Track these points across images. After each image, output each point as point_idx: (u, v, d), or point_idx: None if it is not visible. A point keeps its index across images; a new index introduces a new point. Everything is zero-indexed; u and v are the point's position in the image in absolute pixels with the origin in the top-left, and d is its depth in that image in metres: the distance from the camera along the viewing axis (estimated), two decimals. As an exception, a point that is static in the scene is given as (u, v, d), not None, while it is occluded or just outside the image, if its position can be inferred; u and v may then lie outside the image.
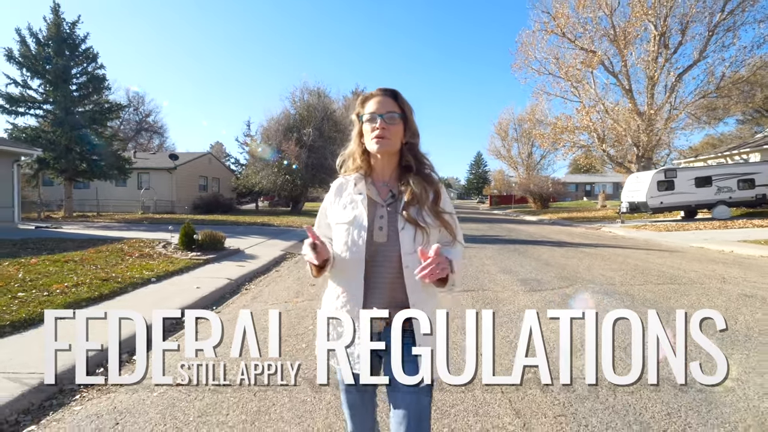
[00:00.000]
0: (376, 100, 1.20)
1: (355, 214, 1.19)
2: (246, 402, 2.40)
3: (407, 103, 1.23)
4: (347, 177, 1.28)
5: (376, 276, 1.18)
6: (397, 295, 1.17)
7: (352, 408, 1.28)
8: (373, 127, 1.17)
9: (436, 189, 1.21)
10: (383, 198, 1.22)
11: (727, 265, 6.74)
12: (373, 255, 1.17)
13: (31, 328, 3.58)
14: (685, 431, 2.01)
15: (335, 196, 1.28)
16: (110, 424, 2.24)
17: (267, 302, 4.78)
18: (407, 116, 1.21)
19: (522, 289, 5.04)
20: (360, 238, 1.17)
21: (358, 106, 1.24)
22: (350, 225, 1.19)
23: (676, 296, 4.62)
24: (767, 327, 3.55)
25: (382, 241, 1.17)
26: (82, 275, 5.43)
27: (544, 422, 2.11)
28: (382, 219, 1.19)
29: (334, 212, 1.26)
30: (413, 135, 1.24)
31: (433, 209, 1.19)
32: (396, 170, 1.25)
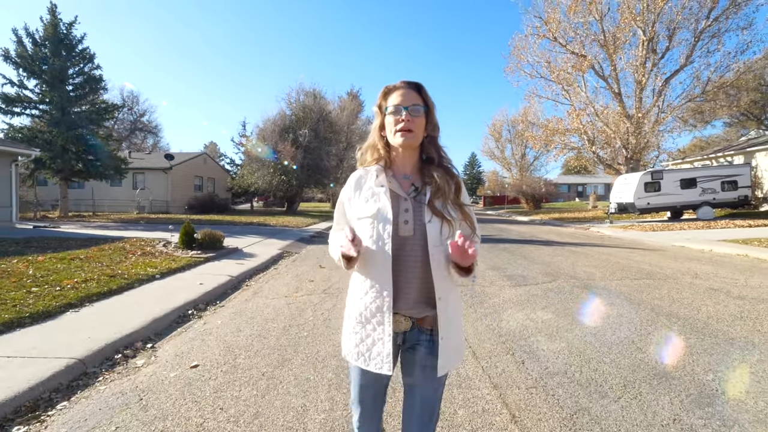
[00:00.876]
0: (400, 93, 1.18)
1: (379, 206, 1.17)
2: (256, 380, 2.70)
3: (430, 97, 1.22)
4: (367, 169, 1.26)
5: (403, 270, 1.15)
6: (424, 289, 1.16)
7: (363, 405, 1.27)
8: (397, 119, 1.17)
9: (457, 182, 1.21)
10: (406, 191, 1.20)
11: (702, 263, 7.15)
12: (399, 249, 1.15)
13: (49, 319, 3.83)
14: (637, 398, 2.34)
15: (355, 189, 1.25)
16: (135, 400, 2.52)
17: (268, 297, 5.05)
18: (430, 109, 1.21)
19: (508, 284, 5.39)
20: (385, 232, 1.14)
21: (380, 98, 1.23)
22: (374, 218, 1.16)
23: (649, 290, 4.99)
24: (724, 316, 3.91)
25: (407, 235, 1.15)
26: (89, 272, 5.67)
27: (518, 393, 2.43)
28: (407, 212, 1.16)
29: (355, 206, 1.23)
30: (434, 128, 1.23)
31: (455, 202, 1.19)
32: (417, 163, 1.23)
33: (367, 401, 1.25)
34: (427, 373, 1.17)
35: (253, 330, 3.72)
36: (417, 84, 1.20)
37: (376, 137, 1.24)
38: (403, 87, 1.19)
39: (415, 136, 1.17)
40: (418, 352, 1.19)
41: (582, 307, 4.26)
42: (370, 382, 1.23)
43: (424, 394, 1.20)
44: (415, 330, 1.19)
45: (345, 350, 1.27)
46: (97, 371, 2.96)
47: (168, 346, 3.43)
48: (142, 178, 24.32)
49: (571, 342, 3.21)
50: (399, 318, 1.17)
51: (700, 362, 2.83)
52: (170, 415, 2.30)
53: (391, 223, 1.14)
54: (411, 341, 1.20)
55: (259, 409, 2.32)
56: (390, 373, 1.14)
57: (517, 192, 37.49)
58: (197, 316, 4.33)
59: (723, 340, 3.26)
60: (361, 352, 1.20)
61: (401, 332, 1.19)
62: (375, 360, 1.16)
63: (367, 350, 1.18)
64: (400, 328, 1.18)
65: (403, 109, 1.15)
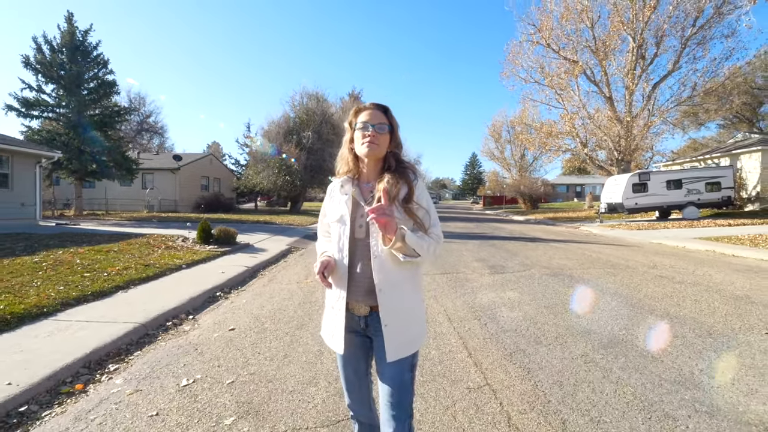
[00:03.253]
0: (368, 112, 1.35)
1: (341, 213, 1.37)
2: (282, 336, 3.55)
3: (395, 119, 1.39)
4: (339, 179, 1.44)
5: (358, 267, 1.33)
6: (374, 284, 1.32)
7: (348, 382, 1.45)
8: (364, 134, 1.32)
9: (409, 185, 1.33)
10: (365, 198, 1.36)
11: (666, 257, 7.99)
12: (354, 249, 1.34)
13: (106, 297, 4.69)
14: (562, 344, 3.19)
15: (329, 197, 1.46)
16: (191, 350, 3.37)
17: (282, 283, 5.91)
18: (394, 129, 1.38)
19: (488, 272, 6.25)
20: (344, 234, 1.34)
21: (351, 116, 1.40)
22: (338, 222, 1.37)
23: (607, 277, 5.85)
24: (658, 295, 4.76)
25: (361, 237, 1.33)
26: (126, 262, 6.53)
27: (476, 341, 3.28)
28: (362, 217, 1.33)
29: (328, 211, 1.45)
30: (397, 146, 1.40)
31: (403, 204, 1.30)
32: (380, 173, 1.38)
33: (351, 377, 1.44)
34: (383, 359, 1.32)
35: (273, 306, 4.58)
36: (384, 106, 1.39)
37: (346, 150, 1.41)
38: (371, 108, 1.37)
39: (379, 148, 1.33)
40: (378, 340, 1.34)
41: (545, 289, 5.12)
42: (349, 362, 1.43)
43: (391, 378, 1.32)
44: (373, 315, 1.34)
45: (322, 331, 1.51)
46: (156, 333, 3.82)
47: (206, 317, 4.29)
48: (151, 178, 25.20)
49: (527, 312, 4.07)
50: (359, 304, 1.35)
51: (619, 324, 3.69)
52: (221, 357, 3.15)
53: (348, 226, 1.33)
54: (373, 327, 1.35)
55: (287, 353, 3.18)
56: (341, 351, 1.37)
57: (514, 192, 38.28)
58: (224, 297, 5.18)
59: (646, 311, 4.11)
60: (326, 333, 1.45)
61: (362, 316, 1.36)
62: (334, 340, 1.39)
63: (330, 332, 1.41)
64: (360, 312, 1.36)
65: (371, 126, 1.32)
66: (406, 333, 1.33)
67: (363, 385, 1.46)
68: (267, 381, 2.70)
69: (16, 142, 12.90)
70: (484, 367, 2.80)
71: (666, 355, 2.97)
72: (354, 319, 1.37)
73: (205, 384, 2.68)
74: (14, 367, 2.78)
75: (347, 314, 1.36)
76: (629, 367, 2.77)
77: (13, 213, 12.12)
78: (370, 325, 1.35)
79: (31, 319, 3.75)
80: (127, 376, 2.86)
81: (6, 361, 2.86)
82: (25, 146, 13.02)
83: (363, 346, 1.40)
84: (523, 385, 2.54)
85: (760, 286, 5.27)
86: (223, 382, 2.69)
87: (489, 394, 2.42)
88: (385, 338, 1.29)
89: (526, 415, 2.19)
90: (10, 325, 3.56)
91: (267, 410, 2.33)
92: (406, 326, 1.33)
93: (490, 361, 2.90)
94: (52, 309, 4.03)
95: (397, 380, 1.31)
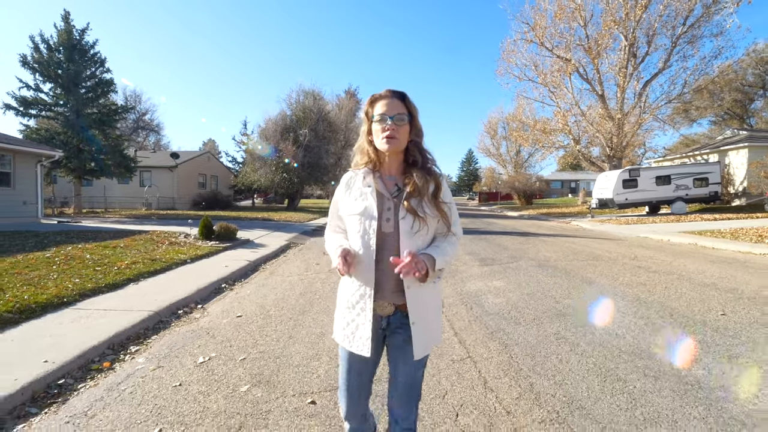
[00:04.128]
0: (385, 102, 1.28)
1: (366, 205, 1.28)
2: (286, 321, 3.90)
3: (414, 105, 1.31)
4: (356, 171, 1.37)
5: (384, 262, 1.25)
6: (402, 280, 1.27)
7: (350, 389, 1.37)
8: (383, 127, 1.26)
9: (437, 181, 1.30)
10: (390, 190, 1.30)
11: (649, 249, 8.40)
12: (382, 243, 1.26)
13: (119, 289, 5.01)
14: (538, 325, 3.56)
15: (346, 189, 1.37)
16: (204, 333, 3.70)
17: (283, 276, 6.24)
18: (414, 117, 1.30)
19: (478, 264, 6.62)
20: (371, 228, 1.26)
21: (367, 106, 1.33)
22: (362, 216, 1.28)
23: (588, 267, 6.24)
24: (632, 283, 5.15)
25: (389, 231, 1.26)
26: (133, 257, 6.83)
27: (462, 322, 3.65)
28: (389, 211, 1.28)
29: (345, 204, 1.35)
30: (418, 134, 1.33)
31: (432, 200, 1.28)
32: (402, 165, 1.33)
33: (354, 383, 1.36)
34: (406, 356, 1.30)
35: (276, 295, 4.92)
36: (401, 93, 1.30)
37: (365, 141, 1.35)
38: (388, 96, 1.29)
39: (400, 142, 1.27)
40: (400, 337, 1.31)
41: (529, 279, 5.50)
42: (356, 367, 1.35)
43: (407, 375, 1.31)
44: (398, 314, 1.31)
45: (335, 332, 1.41)
46: (169, 320, 4.15)
47: (214, 306, 4.62)
48: (149, 176, 25.37)
49: (510, 298, 4.45)
50: (383, 303, 1.30)
51: (593, 308, 4.06)
52: (232, 339, 3.49)
53: (376, 220, 1.26)
54: (394, 325, 1.32)
55: (291, 334, 3.53)
56: (368, 355, 1.27)
57: (509, 188, 38.73)
58: (229, 288, 5.52)
59: (620, 296, 4.50)
60: (346, 335, 1.33)
61: (386, 316, 1.31)
62: (357, 343, 1.30)
63: (352, 333, 1.32)
64: (385, 312, 1.31)
65: (389, 118, 1.25)
66: (430, 331, 1.33)
67: (364, 392, 1.39)
68: (275, 357, 3.05)
69: (18, 142, 13.09)
70: (468, 344, 3.16)
71: (628, 333, 3.35)
72: (377, 319, 1.31)
73: (219, 361, 3.02)
74: (47, 348, 3.10)
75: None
76: (594, 343, 3.14)
77: (15, 211, 12.34)
78: (391, 324, 1.32)
79: (54, 308, 4.07)
80: (148, 355, 3.19)
81: (39, 344, 3.19)
82: (27, 145, 13.22)
83: (377, 350, 1.35)
84: (500, 357, 2.90)
85: (729, 275, 5.68)
86: (236, 359, 3.03)
87: (470, 365, 2.78)
88: (413, 336, 1.27)
89: (500, 380, 2.56)
90: (36, 313, 3.87)
91: (276, 380, 2.67)
92: (430, 324, 1.32)
93: (473, 339, 3.26)
94: (71, 299, 4.34)
95: (411, 378, 1.32)
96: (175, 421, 2.23)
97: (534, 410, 2.19)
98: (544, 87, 23.21)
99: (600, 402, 2.27)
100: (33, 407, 2.44)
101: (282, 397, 2.44)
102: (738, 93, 36.48)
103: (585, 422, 2.07)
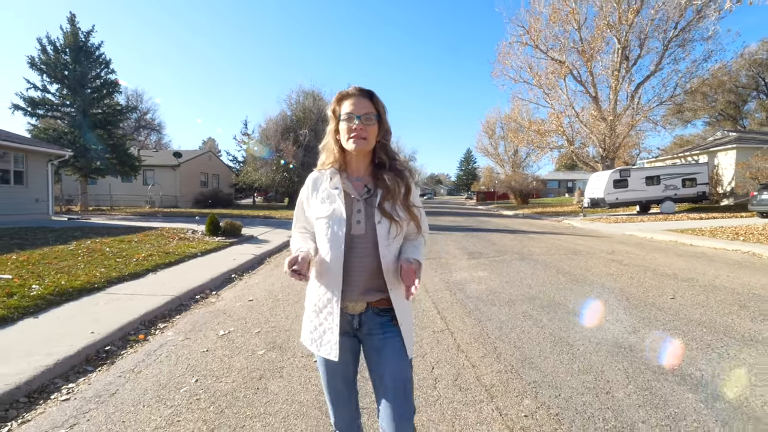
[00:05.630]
0: (352, 101, 1.24)
1: (334, 207, 1.25)
2: (293, 304, 4.46)
3: (382, 104, 1.28)
4: (323, 171, 1.33)
5: (354, 265, 1.24)
6: (373, 281, 1.26)
7: (336, 394, 1.33)
8: (350, 127, 1.22)
9: (407, 184, 1.29)
10: (359, 192, 1.28)
11: (630, 245, 8.97)
12: (351, 245, 1.24)
13: (140, 278, 5.56)
14: (511, 307, 4.12)
15: (312, 190, 1.34)
16: (220, 314, 4.26)
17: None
18: (381, 116, 1.27)
19: (466, 257, 7.19)
20: (340, 231, 1.23)
21: (334, 103, 1.28)
22: (330, 219, 1.25)
23: (567, 260, 6.82)
24: (602, 273, 5.73)
25: (359, 234, 1.24)
26: (148, 250, 7.38)
27: (445, 304, 4.21)
28: (360, 213, 1.25)
29: (313, 207, 1.33)
30: (386, 134, 1.30)
31: (404, 203, 1.27)
32: (370, 166, 1.31)
33: (339, 387, 1.33)
34: (390, 351, 1.26)
35: (282, 284, 5.48)
36: (369, 92, 1.27)
37: (332, 140, 1.31)
38: (356, 95, 1.25)
39: (368, 142, 1.24)
40: (377, 335, 1.28)
41: (510, 269, 6.07)
42: (334, 370, 1.31)
43: (393, 378, 1.26)
44: (369, 311, 1.28)
45: (303, 336, 1.37)
46: (188, 304, 4.71)
47: (227, 293, 5.18)
48: (152, 175, 25.90)
49: (491, 286, 5.02)
50: (353, 302, 1.27)
51: (561, 293, 4.64)
52: (247, 317, 4.05)
53: (345, 224, 1.23)
54: (368, 324, 1.29)
55: (298, 314, 4.09)
56: (336, 359, 1.23)
57: (506, 188, 39.30)
58: (239, 278, 6.07)
59: (587, 284, 5.08)
60: (314, 339, 1.30)
61: (357, 313, 1.28)
62: (325, 347, 1.26)
63: (319, 337, 1.28)
64: (356, 310, 1.28)
65: (356, 117, 1.21)
66: (412, 328, 1.34)
67: (352, 395, 1.37)
68: (285, 330, 3.61)
69: (30, 142, 13.63)
70: (448, 320, 3.73)
71: (585, 311, 3.92)
72: (346, 319, 1.28)
73: (237, 333, 3.58)
74: (90, 323, 3.66)
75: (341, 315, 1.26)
76: (555, 319, 3.71)
77: (28, 208, 12.88)
78: (364, 324, 1.29)
79: (87, 292, 4.62)
80: (175, 330, 3.75)
81: (84, 320, 3.74)
82: (39, 145, 13.75)
83: (353, 349, 1.33)
84: (473, 329, 3.47)
85: (692, 267, 6.25)
86: (252, 332, 3.59)
87: (447, 334, 3.35)
88: (403, 335, 1.27)
89: (471, 345, 3.12)
90: (74, 296, 4.43)
91: (287, 346, 3.23)
92: (410, 321, 1.33)
93: (452, 316, 3.82)
94: (101, 285, 4.90)
95: (402, 377, 1.28)
96: (207, 374, 2.78)
97: (494, 364, 2.76)
98: (538, 89, 23.78)
99: (547, 359, 2.83)
100: (89, 366, 3.00)
101: (292, 358, 3.00)
102: (731, 94, 37.09)
103: (532, 372, 2.64)
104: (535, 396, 2.33)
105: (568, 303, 4.25)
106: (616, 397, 2.31)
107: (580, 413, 2.15)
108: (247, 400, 2.40)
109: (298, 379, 2.65)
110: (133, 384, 2.67)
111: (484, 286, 5.02)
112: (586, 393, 2.36)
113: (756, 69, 36.95)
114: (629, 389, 2.40)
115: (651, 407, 2.20)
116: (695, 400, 2.27)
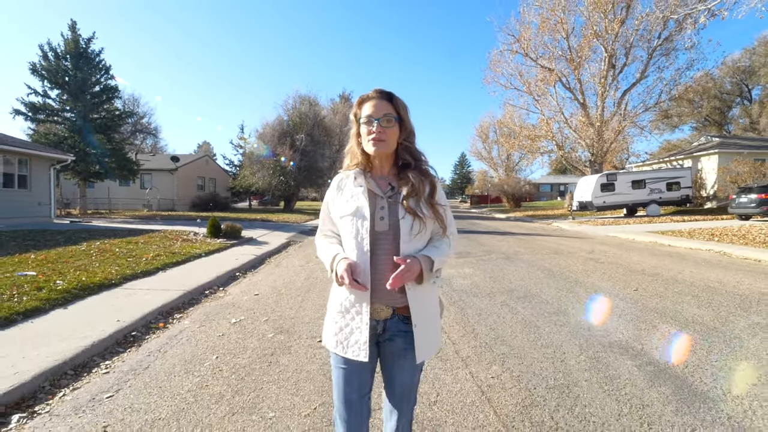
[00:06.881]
0: (372, 104, 1.25)
1: (358, 205, 1.26)
2: (295, 296, 4.92)
3: (402, 105, 1.28)
4: (347, 172, 1.35)
5: (379, 263, 1.23)
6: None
7: (349, 404, 1.29)
8: (369, 130, 1.24)
9: (432, 182, 1.29)
10: (383, 190, 1.28)
11: (610, 246, 9.53)
12: (375, 243, 1.23)
13: (152, 275, 5.98)
14: (491, 298, 4.61)
15: (337, 190, 1.35)
16: (229, 306, 4.71)
17: (287, 267, 7.24)
18: (402, 117, 1.27)
19: (455, 256, 7.69)
20: (363, 228, 1.23)
21: (356, 107, 1.30)
22: (354, 216, 1.26)
23: (548, 259, 7.35)
24: (578, 269, 6.25)
25: (383, 230, 1.24)
26: (155, 251, 7.79)
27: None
28: (383, 209, 1.25)
29: (337, 206, 1.34)
30: (409, 135, 1.30)
31: (429, 201, 1.26)
32: (393, 167, 1.32)
33: (353, 396, 1.28)
34: (405, 361, 1.27)
35: (284, 281, 5.93)
36: (389, 93, 1.28)
37: (354, 144, 1.33)
38: (375, 97, 1.26)
39: (388, 144, 1.25)
40: (397, 342, 1.27)
41: (494, 267, 6.58)
42: (352, 377, 1.28)
43: (403, 381, 1.28)
44: (395, 318, 1.27)
45: (325, 339, 1.35)
46: (199, 298, 5.15)
47: (233, 288, 5.62)
48: (149, 179, 26.19)
49: (474, 280, 5.52)
50: (380, 306, 1.25)
51: (537, 286, 5.15)
52: (254, 308, 4.50)
53: (368, 220, 1.23)
54: (391, 330, 1.28)
55: (301, 305, 4.55)
56: (366, 359, 1.22)
57: (499, 191, 40.00)
58: (243, 276, 6.51)
59: (562, 279, 5.59)
60: (339, 341, 1.28)
61: (382, 320, 1.26)
62: (352, 348, 1.24)
63: (345, 339, 1.26)
64: (381, 316, 1.26)
65: (375, 120, 1.23)
66: (431, 334, 1.29)
67: (364, 412, 1.31)
68: (290, 318, 4.07)
69: (34, 146, 13.96)
70: (434, 309, 4.21)
71: (556, 301, 4.44)
72: (371, 324, 1.25)
73: (248, 321, 4.03)
74: (114, 313, 4.09)
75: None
76: (528, 307, 4.21)
77: (31, 212, 13.19)
78: (387, 330, 1.27)
79: (106, 288, 5.04)
80: (191, 320, 4.19)
81: (108, 311, 4.17)
82: (42, 150, 14.08)
83: (373, 355, 1.29)
84: (456, 315, 3.96)
85: (662, 264, 6.81)
86: (260, 320, 4.05)
87: (433, 320, 3.83)
88: (416, 338, 1.24)
89: (452, 327, 3.61)
90: (95, 291, 4.85)
91: (293, 330, 3.70)
92: (431, 327, 1.29)
93: (439, 306, 4.31)
94: (117, 281, 5.32)
95: (409, 383, 1.29)
96: (225, 352, 3.24)
97: (471, 342, 3.25)
98: (529, 95, 24.51)
99: (517, 338, 3.33)
100: (120, 348, 3.44)
101: (299, 339, 3.46)
102: (716, 101, 38.24)
103: (502, 347, 3.13)
104: (503, 363, 2.82)
105: (542, 294, 4.76)
106: (568, 363, 2.81)
107: (536, 375, 2.64)
108: (263, 370, 2.86)
109: (305, 355, 3.12)
110: (161, 361, 3.11)
111: (468, 281, 5.52)
112: (545, 361, 2.85)
113: (739, 76, 38.18)
114: (580, 358, 2.90)
115: (595, 370, 2.70)
116: (632, 365, 2.78)
